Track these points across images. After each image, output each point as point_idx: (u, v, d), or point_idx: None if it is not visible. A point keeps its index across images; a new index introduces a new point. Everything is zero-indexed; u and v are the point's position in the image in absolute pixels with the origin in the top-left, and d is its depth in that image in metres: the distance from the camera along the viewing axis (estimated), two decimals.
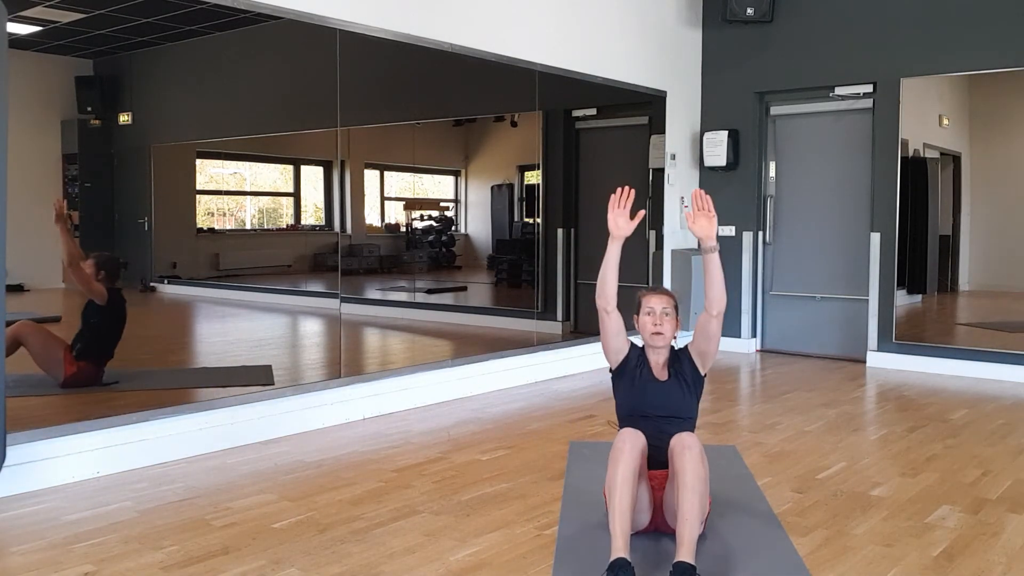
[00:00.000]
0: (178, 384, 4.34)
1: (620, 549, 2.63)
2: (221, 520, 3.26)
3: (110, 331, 4.12)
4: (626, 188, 3.11)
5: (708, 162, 7.49)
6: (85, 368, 4.02)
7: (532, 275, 6.36)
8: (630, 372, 3.17)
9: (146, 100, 4.39)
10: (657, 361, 3.17)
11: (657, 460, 2.99)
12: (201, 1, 4.20)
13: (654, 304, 3.14)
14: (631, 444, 2.82)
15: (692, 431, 3.04)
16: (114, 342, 4.12)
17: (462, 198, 6.22)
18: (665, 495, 2.97)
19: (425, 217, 5.95)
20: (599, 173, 6.97)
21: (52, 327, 4.04)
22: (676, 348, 3.25)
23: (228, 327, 4.83)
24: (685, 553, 2.63)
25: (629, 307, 3.20)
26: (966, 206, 6.54)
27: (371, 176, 5.56)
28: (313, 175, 5.29)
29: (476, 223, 6.32)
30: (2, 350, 3.31)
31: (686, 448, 2.80)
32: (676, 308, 3.20)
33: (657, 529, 3.03)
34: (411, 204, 5.87)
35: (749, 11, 7.05)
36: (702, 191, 3.13)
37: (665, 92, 7.23)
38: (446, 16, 5.37)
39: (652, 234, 7.23)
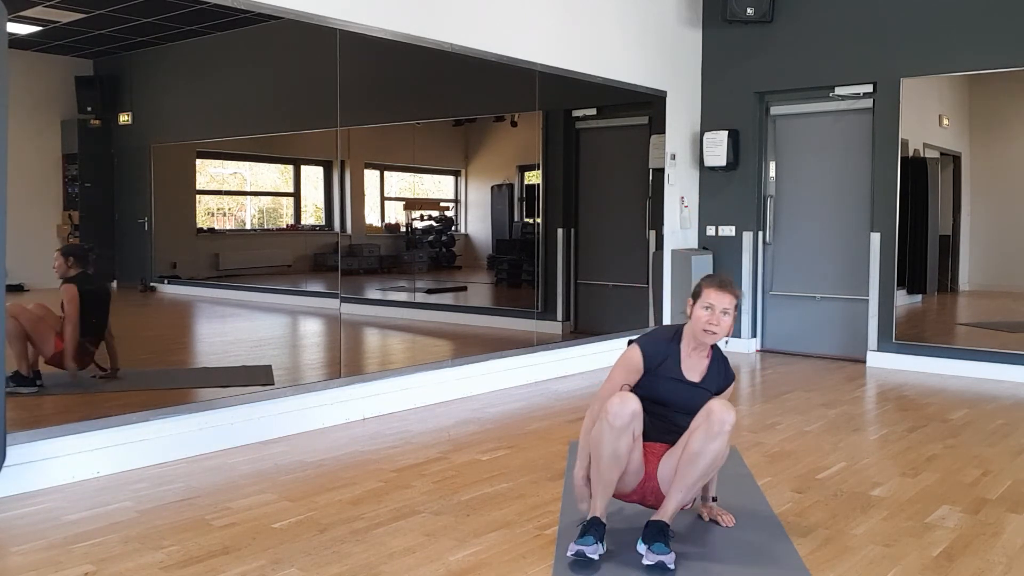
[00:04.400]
0: (178, 384, 4.34)
1: (597, 510, 2.82)
2: (221, 520, 3.26)
3: (91, 315, 4.10)
4: None
5: (708, 162, 7.49)
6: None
7: (532, 275, 6.36)
8: (653, 373, 3.00)
9: (146, 100, 4.38)
10: (691, 356, 3.02)
11: (655, 435, 2.97)
12: (201, 1, 4.20)
13: (714, 300, 2.96)
14: (627, 419, 2.76)
15: None
16: (99, 324, 4.10)
17: (462, 198, 6.22)
18: (660, 468, 2.94)
19: (425, 217, 5.95)
20: (599, 173, 6.97)
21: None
22: (724, 359, 3.10)
23: (228, 327, 4.83)
24: (663, 514, 2.79)
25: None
26: (966, 206, 6.54)
27: (371, 176, 5.56)
28: (313, 175, 5.29)
29: (476, 223, 6.31)
30: (2, 351, 3.31)
31: (719, 431, 2.77)
32: (738, 307, 3.02)
33: (643, 501, 3.01)
34: (411, 204, 5.86)
35: (749, 11, 7.04)
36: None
37: (665, 92, 7.23)
38: (446, 16, 5.37)
39: (652, 234, 7.22)
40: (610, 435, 2.77)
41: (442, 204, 6.13)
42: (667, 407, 3.00)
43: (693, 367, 3.02)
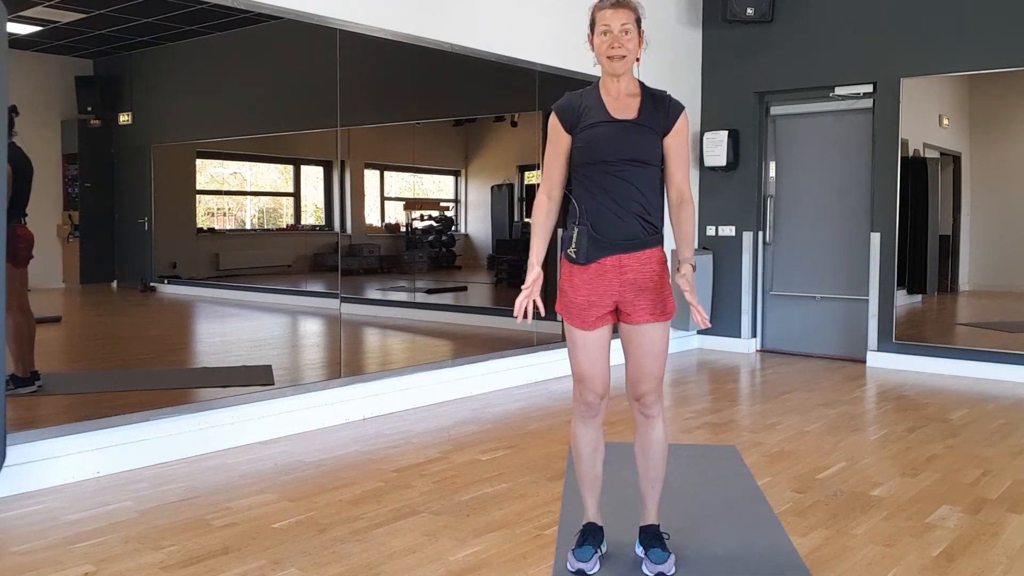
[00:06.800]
0: (178, 384, 4.34)
1: (590, 514, 2.85)
2: (221, 520, 3.26)
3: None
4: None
5: (708, 162, 7.49)
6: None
7: None
8: (579, 128, 2.68)
9: (146, 100, 4.38)
10: (619, 100, 2.69)
11: (623, 232, 2.65)
12: (201, 1, 4.20)
13: (610, 21, 2.65)
14: (591, 440, 2.79)
15: (659, 179, 2.71)
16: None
17: (462, 198, 6.22)
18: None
19: (425, 217, 5.95)
20: None
21: (52, 328, 4.03)
22: (658, 93, 2.75)
23: (228, 327, 4.83)
24: (649, 517, 2.83)
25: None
26: (966, 206, 6.54)
27: (371, 176, 5.56)
28: (313, 175, 5.29)
29: (476, 223, 6.31)
30: (3, 351, 3.31)
31: (654, 440, 2.77)
32: (639, 22, 2.68)
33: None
34: (411, 204, 5.86)
35: (749, 11, 7.05)
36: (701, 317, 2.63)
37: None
38: (446, 16, 5.37)
39: None
40: (583, 429, 2.80)
41: (442, 204, 6.13)
42: (611, 163, 2.64)
43: (623, 109, 2.68)
